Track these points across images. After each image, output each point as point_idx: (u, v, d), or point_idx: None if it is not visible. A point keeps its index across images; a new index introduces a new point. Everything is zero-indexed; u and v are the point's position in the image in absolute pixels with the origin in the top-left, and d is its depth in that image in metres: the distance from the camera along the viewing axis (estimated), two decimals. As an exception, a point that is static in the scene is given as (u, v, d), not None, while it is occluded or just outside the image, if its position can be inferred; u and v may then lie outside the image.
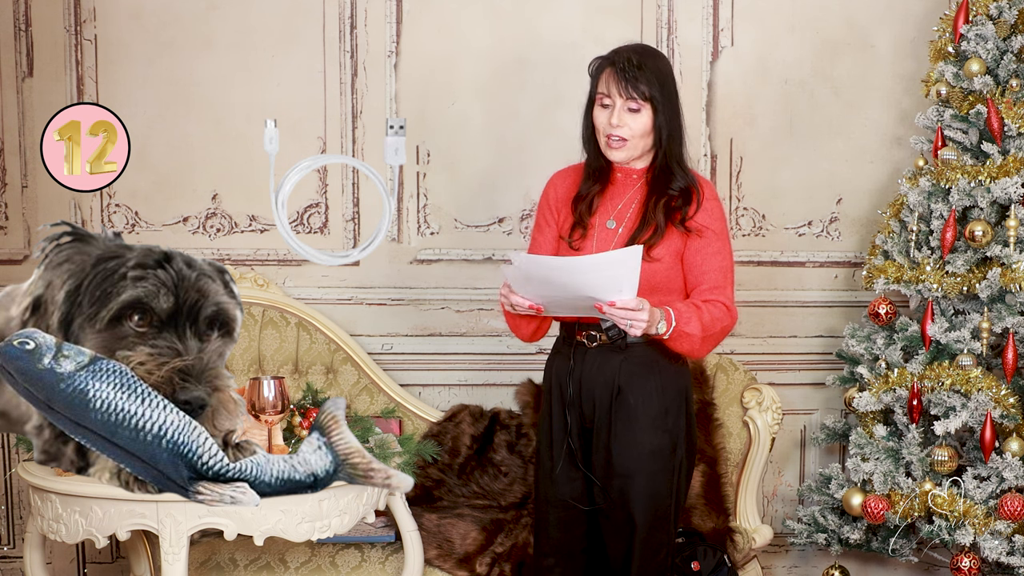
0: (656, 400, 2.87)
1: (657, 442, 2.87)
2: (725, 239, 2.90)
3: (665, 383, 2.89)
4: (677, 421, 2.90)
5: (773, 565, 4.05)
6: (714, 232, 2.87)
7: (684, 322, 2.77)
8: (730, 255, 2.91)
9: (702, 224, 2.86)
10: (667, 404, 2.89)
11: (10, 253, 3.82)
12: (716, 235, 2.87)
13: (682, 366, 2.95)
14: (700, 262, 2.86)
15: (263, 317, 3.77)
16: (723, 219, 2.92)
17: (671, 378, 2.90)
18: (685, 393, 2.94)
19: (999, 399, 3.31)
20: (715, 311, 2.81)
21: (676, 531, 3.00)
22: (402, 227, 3.92)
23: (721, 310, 2.83)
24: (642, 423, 2.87)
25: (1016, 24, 3.51)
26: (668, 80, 2.86)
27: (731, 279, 2.89)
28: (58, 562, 3.83)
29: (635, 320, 2.70)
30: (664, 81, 2.84)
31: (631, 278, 2.66)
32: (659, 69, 2.85)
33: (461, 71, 3.87)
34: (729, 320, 2.85)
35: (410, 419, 3.79)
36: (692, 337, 2.78)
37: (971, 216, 3.47)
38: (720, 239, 2.88)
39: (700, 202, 2.87)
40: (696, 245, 2.86)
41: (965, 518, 3.29)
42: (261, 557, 3.18)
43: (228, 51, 3.81)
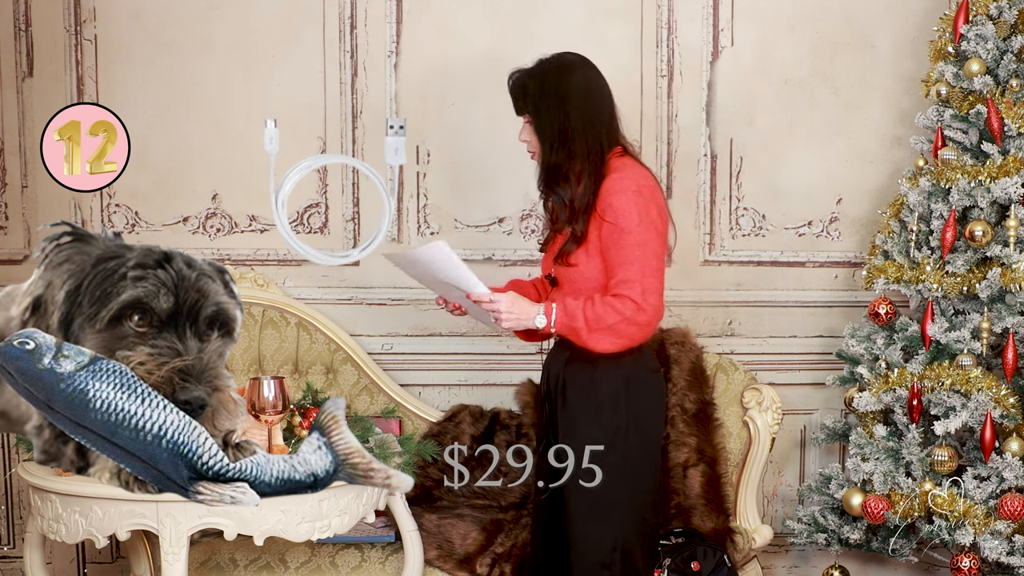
0: (589, 394, 2.92)
1: (590, 436, 2.91)
2: (641, 231, 2.83)
3: (598, 377, 2.91)
4: (613, 417, 2.91)
5: (773, 565, 4.05)
6: (621, 228, 2.83)
7: (569, 317, 2.83)
8: (649, 247, 2.83)
9: (611, 220, 2.85)
10: (600, 399, 2.91)
11: (10, 253, 3.82)
12: (623, 230, 2.83)
13: (627, 360, 2.91)
14: (610, 257, 2.86)
15: (263, 317, 3.77)
16: (638, 211, 2.84)
17: (606, 372, 2.90)
18: (625, 388, 2.92)
19: (999, 399, 3.31)
20: (610, 305, 2.81)
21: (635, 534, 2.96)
22: (402, 227, 3.92)
23: (623, 303, 2.80)
24: (577, 417, 2.93)
25: (1016, 24, 3.51)
26: (545, 92, 2.93)
27: (649, 271, 2.82)
28: (58, 562, 3.83)
29: (492, 312, 2.83)
30: (538, 93, 2.93)
31: (457, 272, 2.79)
32: (535, 82, 2.94)
33: (461, 71, 3.87)
34: (633, 313, 2.79)
35: (410, 419, 3.79)
36: (577, 331, 2.83)
37: (971, 216, 3.47)
38: (631, 233, 2.82)
39: (602, 200, 2.86)
40: (608, 241, 2.86)
41: (965, 518, 3.29)
42: (261, 557, 3.18)
43: (228, 51, 3.82)
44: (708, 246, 3.99)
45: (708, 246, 3.99)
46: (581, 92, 2.94)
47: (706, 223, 3.99)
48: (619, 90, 3.90)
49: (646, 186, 2.90)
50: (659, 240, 2.87)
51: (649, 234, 2.84)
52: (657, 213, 2.89)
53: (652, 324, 2.85)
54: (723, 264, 4.00)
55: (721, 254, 4.00)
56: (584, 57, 3.03)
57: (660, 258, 2.87)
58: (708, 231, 3.99)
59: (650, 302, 2.81)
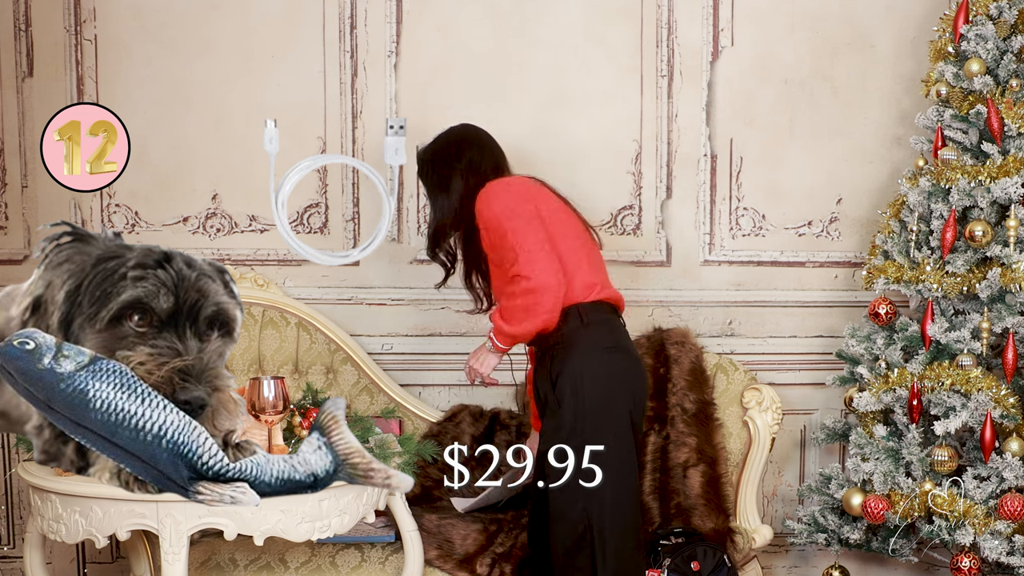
0: (547, 389, 3.11)
1: (548, 430, 3.08)
2: (509, 221, 3.07)
3: (556, 369, 3.09)
4: (575, 405, 3.04)
5: (773, 565, 4.05)
6: (492, 229, 3.10)
7: (493, 324, 3.15)
8: (520, 229, 3.06)
9: (483, 228, 3.14)
10: (561, 391, 3.07)
11: (10, 253, 3.82)
12: (494, 229, 3.10)
13: (578, 348, 3.07)
14: (500, 258, 3.12)
15: (263, 317, 3.77)
16: (500, 208, 3.10)
17: (564, 364, 3.07)
18: (582, 378, 3.05)
19: (999, 399, 3.31)
20: (511, 292, 3.07)
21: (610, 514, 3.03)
22: (402, 227, 3.92)
23: (515, 284, 3.05)
24: (547, 413, 3.11)
25: (1016, 24, 3.51)
26: (424, 166, 3.36)
27: (526, 247, 3.03)
28: (58, 562, 3.83)
29: (471, 374, 3.26)
30: (428, 183, 3.36)
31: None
32: (423, 169, 3.37)
33: (461, 71, 3.87)
34: (526, 285, 3.03)
35: (410, 419, 3.79)
36: (501, 330, 3.11)
37: (971, 216, 3.47)
38: (500, 227, 3.07)
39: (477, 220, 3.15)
40: (493, 246, 3.14)
41: (965, 518, 3.29)
42: (261, 557, 3.17)
43: (228, 51, 3.82)
44: (708, 246, 3.99)
45: (708, 246, 3.99)
46: (461, 171, 3.26)
47: (706, 223, 3.99)
48: (619, 90, 3.94)
49: (501, 183, 3.16)
50: (525, 218, 3.09)
51: (516, 220, 3.07)
52: (518, 197, 3.12)
53: (549, 288, 3.02)
54: (723, 264, 4.00)
55: (721, 254, 4.00)
56: (465, 131, 3.35)
57: (533, 230, 3.06)
58: (708, 231, 3.99)
59: (534, 269, 3.01)
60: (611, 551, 3.03)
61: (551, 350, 3.11)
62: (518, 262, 3.03)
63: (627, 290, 3.96)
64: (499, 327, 3.12)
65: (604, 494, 3.02)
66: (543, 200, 3.17)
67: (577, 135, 3.91)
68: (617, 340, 3.16)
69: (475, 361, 3.24)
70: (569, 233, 3.16)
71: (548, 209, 3.16)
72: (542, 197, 3.19)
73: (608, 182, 3.94)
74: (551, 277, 3.03)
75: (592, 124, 3.91)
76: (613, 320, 3.20)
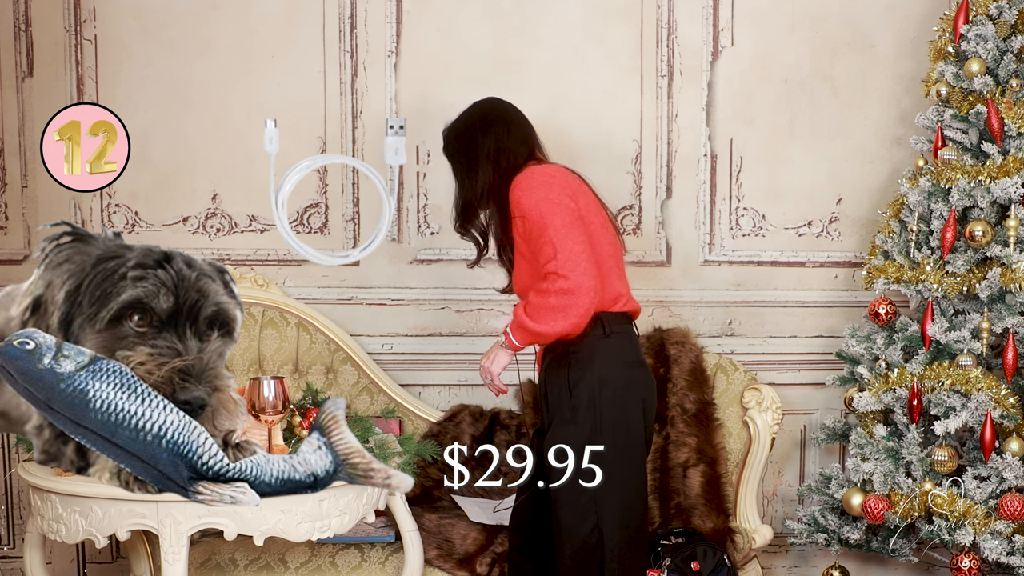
0: (565, 397, 3.00)
1: (567, 437, 2.97)
2: (548, 213, 2.93)
3: (574, 378, 2.99)
4: (588, 417, 2.97)
5: (773, 565, 4.05)
6: (529, 219, 2.96)
7: (515, 320, 2.99)
8: (560, 224, 2.92)
9: (519, 216, 2.99)
10: (576, 402, 2.98)
11: (10, 253, 3.82)
12: (531, 219, 2.95)
13: (599, 357, 2.99)
14: (533, 249, 2.98)
15: (263, 317, 3.77)
16: (540, 198, 2.96)
17: (580, 373, 2.99)
18: (600, 388, 2.98)
19: (999, 399, 3.31)
20: (541, 288, 2.93)
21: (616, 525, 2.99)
22: (402, 227, 3.92)
23: (549, 281, 2.91)
24: (556, 419, 3.02)
25: (1016, 24, 3.51)
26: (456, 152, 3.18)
27: (565, 244, 2.91)
28: (58, 562, 3.83)
29: (487, 378, 3.12)
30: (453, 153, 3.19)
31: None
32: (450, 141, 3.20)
33: (461, 71, 3.87)
34: (561, 284, 2.89)
35: (410, 419, 3.79)
36: (524, 327, 2.96)
37: (971, 216, 3.47)
38: (539, 218, 2.94)
39: (512, 206, 3.01)
40: (526, 236, 2.99)
41: (965, 518, 3.29)
42: (261, 557, 3.18)
43: (228, 51, 3.82)
44: (708, 246, 3.99)
45: (708, 246, 3.99)
46: (490, 150, 3.10)
47: (706, 223, 3.99)
48: (619, 90, 3.93)
49: (545, 173, 3.02)
50: (569, 216, 2.94)
51: (556, 214, 2.93)
52: (562, 192, 2.98)
53: (583, 288, 2.89)
54: (723, 264, 4.00)
55: (721, 254, 4.00)
56: (492, 105, 3.19)
57: (576, 229, 2.94)
58: (708, 231, 3.99)
59: (573, 268, 2.89)
60: (618, 565, 2.99)
61: (569, 356, 3.01)
62: (556, 259, 2.89)
63: (627, 290, 3.97)
64: (522, 323, 2.96)
65: (613, 510, 2.97)
66: (584, 199, 3.05)
67: (577, 135, 3.90)
68: (637, 354, 3.11)
69: (487, 360, 3.10)
70: (604, 239, 3.06)
71: (588, 211, 3.04)
72: (584, 196, 3.06)
73: (608, 182, 3.92)
74: (590, 280, 2.90)
75: (592, 124, 3.91)
76: (632, 333, 3.12)
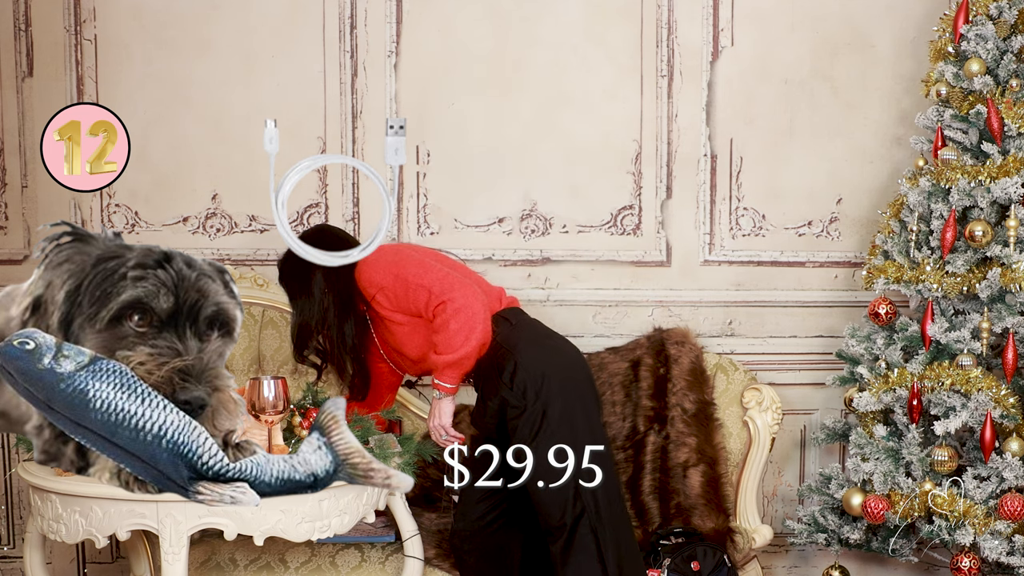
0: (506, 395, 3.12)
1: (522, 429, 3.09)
2: (400, 269, 3.08)
3: (508, 372, 3.11)
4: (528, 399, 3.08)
5: (773, 565, 4.05)
6: (388, 286, 3.10)
7: (439, 361, 3.07)
8: (412, 269, 3.08)
9: (377, 290, 3.12)
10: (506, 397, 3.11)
11: (10, 253, 3.82)
12: (386, 287, 3.10)
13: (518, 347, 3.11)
14: (408, 306, 3.10)
15: (263, 317, 3.77)
16: (384, 265, 3.09)
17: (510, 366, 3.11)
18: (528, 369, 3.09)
19: (999, 399, 3.31)
20: (438, 324, 3.04)
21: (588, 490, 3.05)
22: (402, 227, 3.92)
23: (441, 311, 3.03)
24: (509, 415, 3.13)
25: (1016, 24, 3.51)
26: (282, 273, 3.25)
27: (428, 279, 3.06)
28: (58, 562, 3.83)
29: (435, 426, 3.19)
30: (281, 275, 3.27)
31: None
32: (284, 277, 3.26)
33: (461, 71, 3.87)
34: (452, 308, 3.02)
35: (410, 419, 3.79)
36: (447, 361, 3.07)
37: (971, 216, 3.47)
38: (397, 277, 3.08)
39: (365, 290, 3.14)
40: (395, 301, 3.11)
41: (965, 518, 3.29)
42: (261, 557, 3.17)
43: (228, 51, 3.82)
44: (708, 246, 4.00)
45: (708, 246, 4.00)
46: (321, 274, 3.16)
47: (706, 223, 3.99)
48: (619, 90, 3.93)
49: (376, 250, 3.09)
50: (417, 258, 3.13)
51: (407, 265, 3.10)
52: (398, 251, 3.16)
53: (470, 299, 3.03)
54: (723, 264, 4.00)
55: (721, 254, 4.00)
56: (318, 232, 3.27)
57: (430, 264, 3.10)
58: (708, 231, 3.99)
59: (451, 290, 3.03)
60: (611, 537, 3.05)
61: (494, 359, 3.12)
62: (432, 293, 3.04)
63: (627, 290, 3.97)
64: (443, 362, 3.07)
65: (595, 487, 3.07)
66: (408, 248, 3.25)
67: (577, 135, 3.91)
68: (547, 329, 3.26)
69: (433, 419, 3.20)
70: (446, 261, 3.22)
71: (418, 251, 3.22)
72: (406, 247, 3.26)
73: (608, 182, 3.94)
74: (471, 290, 3.06)
75: (592, 124, 3.91)
76: (530, 317, 3.28)
